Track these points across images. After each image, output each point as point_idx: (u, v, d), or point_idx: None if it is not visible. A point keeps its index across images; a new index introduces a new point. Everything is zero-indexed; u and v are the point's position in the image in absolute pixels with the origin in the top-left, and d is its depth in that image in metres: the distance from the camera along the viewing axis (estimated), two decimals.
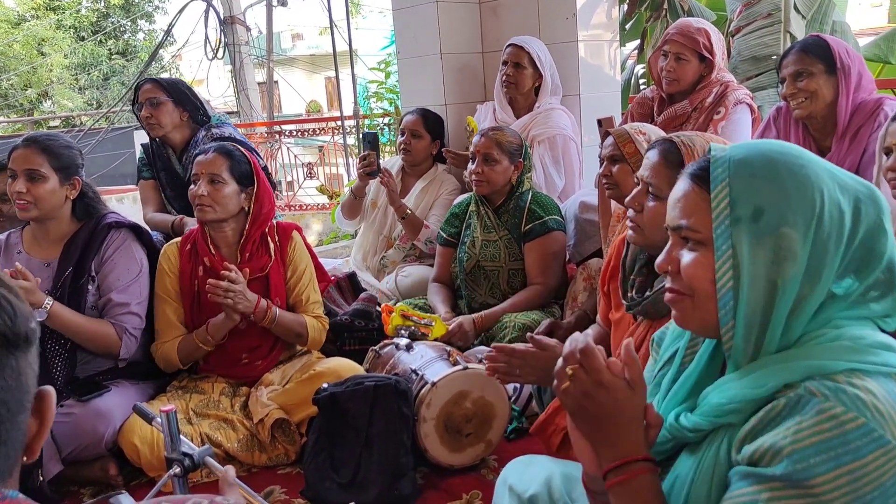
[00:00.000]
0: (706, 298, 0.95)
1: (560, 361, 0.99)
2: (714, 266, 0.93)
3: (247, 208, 2.39)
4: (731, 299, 0.91)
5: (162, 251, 2.45)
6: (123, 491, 1.61)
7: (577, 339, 0.99)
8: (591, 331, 2.10)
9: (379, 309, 2.85)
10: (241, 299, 2.23)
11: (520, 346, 1.45)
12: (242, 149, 2.45)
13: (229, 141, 2.73)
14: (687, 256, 0.97)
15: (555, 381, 1.00)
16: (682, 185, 1.00)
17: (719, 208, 0.92)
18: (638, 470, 0.94)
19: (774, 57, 3.88)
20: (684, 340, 1.09)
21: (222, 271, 2.23)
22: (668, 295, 1.02)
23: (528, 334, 1.62)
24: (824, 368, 0.85)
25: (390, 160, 3.67)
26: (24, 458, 0.72)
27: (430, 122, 3.41)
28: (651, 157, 1.55)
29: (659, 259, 1.02)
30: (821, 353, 0.87)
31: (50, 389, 0.74)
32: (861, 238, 0.91)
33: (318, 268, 2.61)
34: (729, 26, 4.30)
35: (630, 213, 1.62)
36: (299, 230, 2.55)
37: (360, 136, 3.86)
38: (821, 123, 2.52)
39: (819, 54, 2.43)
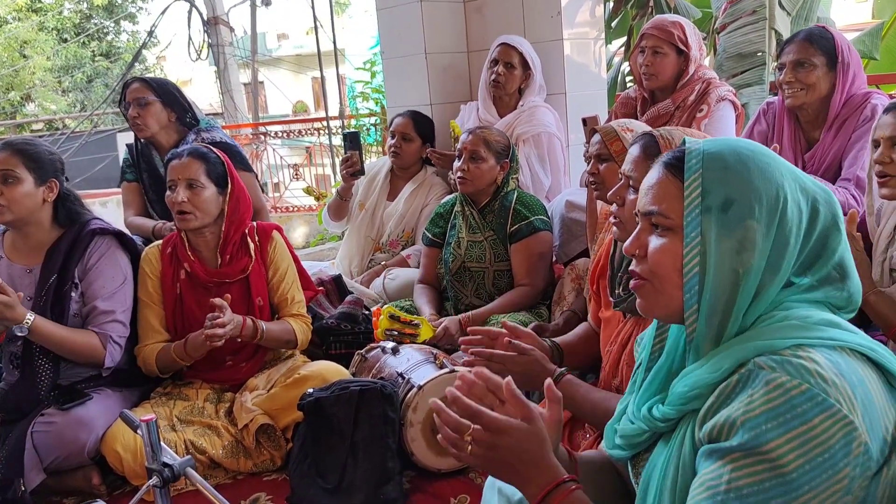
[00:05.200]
0: (670, 286, 1.00)
1: (449, 433, 1.03)
2: (680, 254, 0.97)
3: (224, 210, 2.36)
4: (697, 284, 0.96)
5: (143, 254, 2.41)
6: (99, 500, 1.59)
7: (446, 411, 1.03)
8: (580, 329, 2.10)
9: (366, 312, 2.82)
10: (234, 326, 2.21)
11: (498, 351, 1.42)
12: (215, 149, 2.41)
13: (220, 146, 2.69)
14: (655, 242, 1.02)
15: (451, 450, 1.03)
16: (655, 172, 1.04)
17: (692, 196, 0.97)
18: (564, 492, 0.99)
19: (760, 54, 3.89)
20: (650, 335, 1.15)
21: (212, 302, 2.17)
22: (632, 282, 1.06)
23: (507, 339, 1.58)
24: (773, 346, 0.91)
25: (377, 162, 3.64)
26: None
27: (421, 126, 3.37)
28: (632, 151, 1.60)
29: (627, 242, 1.06)
30: (771, 332, 0.93)
31: None
32: (817, 235, 0.98)
33: (303, 275, 2.57)
34: (714, 23, 4.30)
35: (613, 207, 1.64)
36: (280, 230, 2.52)
37: (342, 135, 3.83)
38: (811, 115, 2.54)
39: (823, 46, 2.45)
